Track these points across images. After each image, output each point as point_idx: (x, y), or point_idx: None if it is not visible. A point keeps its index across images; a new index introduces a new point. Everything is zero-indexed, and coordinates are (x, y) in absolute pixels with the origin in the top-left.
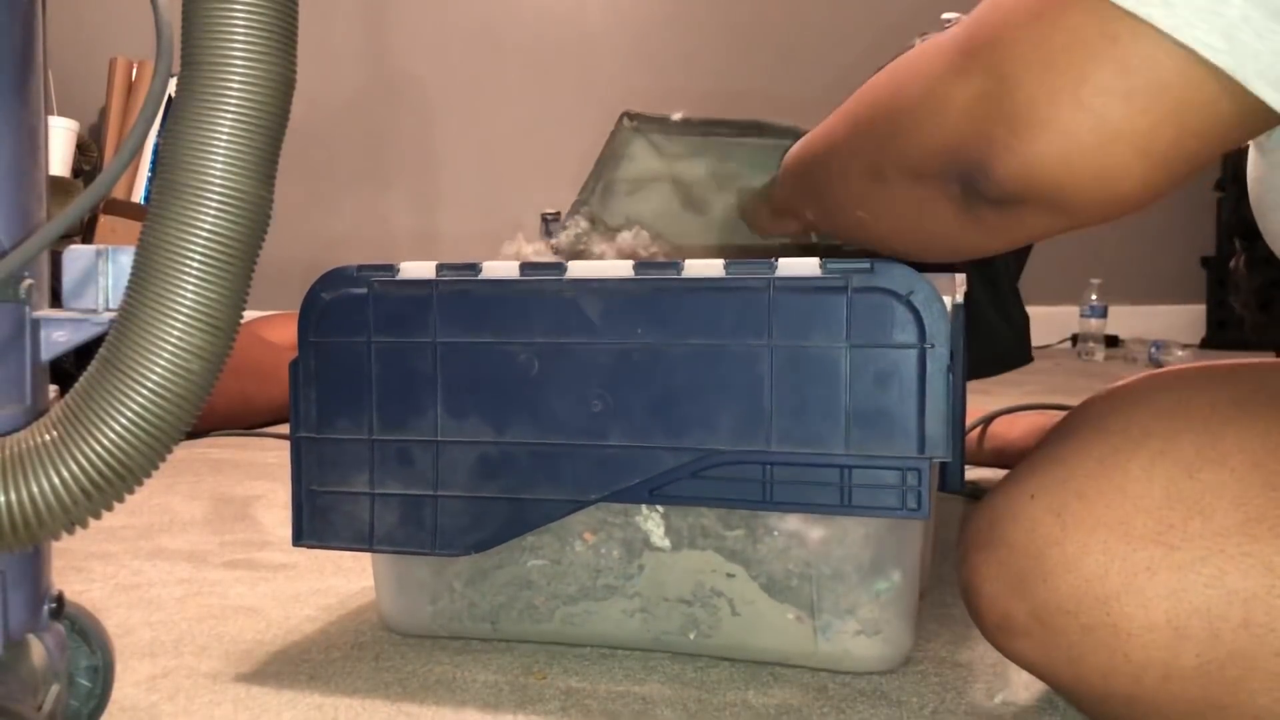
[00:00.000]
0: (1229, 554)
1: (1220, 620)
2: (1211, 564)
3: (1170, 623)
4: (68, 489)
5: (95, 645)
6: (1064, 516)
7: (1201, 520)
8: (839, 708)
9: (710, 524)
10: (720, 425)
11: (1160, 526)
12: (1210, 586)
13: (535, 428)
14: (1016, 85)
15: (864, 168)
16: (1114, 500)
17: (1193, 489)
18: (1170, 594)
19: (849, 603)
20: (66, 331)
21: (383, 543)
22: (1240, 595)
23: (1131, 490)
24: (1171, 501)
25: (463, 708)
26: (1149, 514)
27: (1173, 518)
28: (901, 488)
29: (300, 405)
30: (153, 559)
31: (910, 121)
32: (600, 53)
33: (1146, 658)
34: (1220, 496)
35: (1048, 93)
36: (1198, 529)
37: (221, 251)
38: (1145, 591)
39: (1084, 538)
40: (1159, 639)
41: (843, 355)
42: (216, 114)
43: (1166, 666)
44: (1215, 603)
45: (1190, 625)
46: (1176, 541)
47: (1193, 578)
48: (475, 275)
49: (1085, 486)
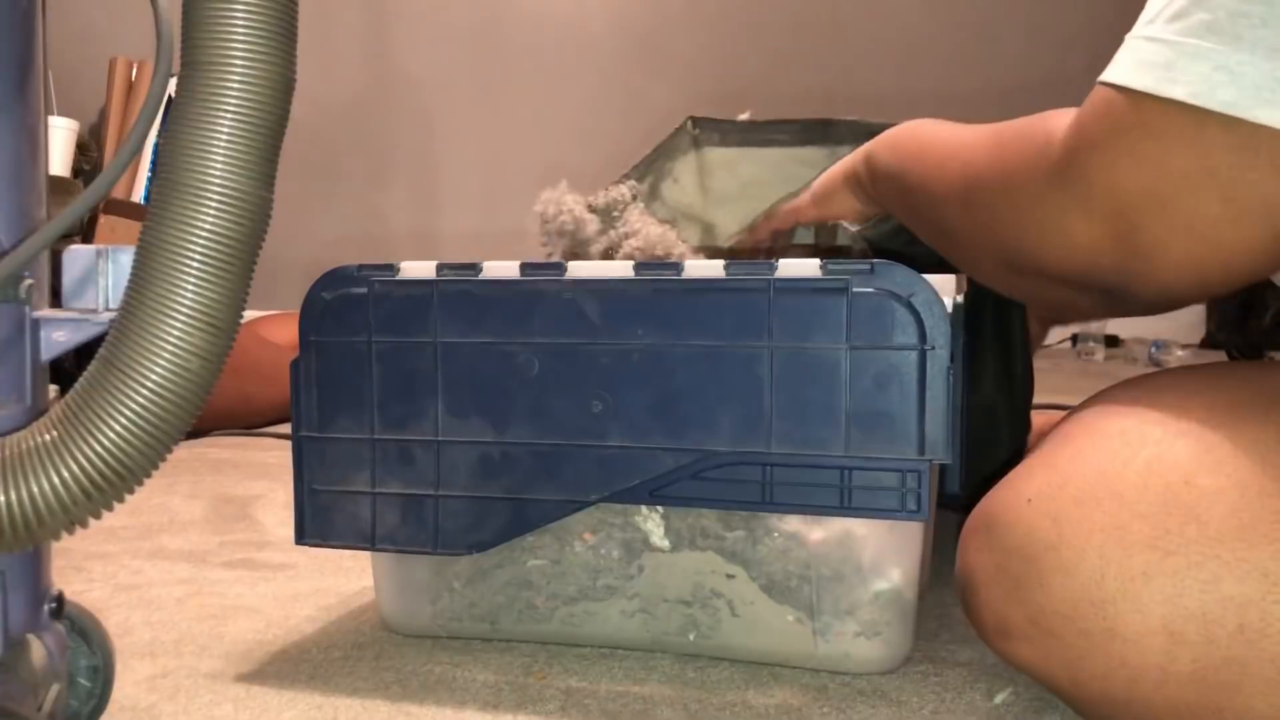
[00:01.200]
0: (1225, 560)
1: (1216, 625)
2: (1207, 569)
3: (1166, 627)
4: (68, 489)
5: (95, 645)
6: (1060, 522)
7: (1198, 526)
8: (839, 708)
9: (710, 525)
10: (720, 426)
11: (1156, 532)
12: (1206, 592)
13: (536, 428)
14: (1140, 228)
15: (994, 257)
16: (1110, 506)
17: (1189, 495)
18: (1166, 599)
19: (848, 604)
20: (66, 331)
21: (384, 542)
22: (1236, 601)
23: (1128, 496)
24: (1168, 507)
25: (463, 708)
26: (1145, 519)
27: (1169, 523)
28: (901, 490)
29: (301, 404)
30: (153, 559)
31: (1034, 242)
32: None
33: (1143, 662)
34: (1216, 503)
35: (1168, 231)
36: (1194, 535)
37: (221, 251)
38: (1141, 596)
39: (1081, 543)
40: (1155, 644)
41: (843, 357)
42: (216, 114)
43: (1162, 671)
44: (1211, 608)
45: (1186, 630)
46: (1173, 547)
47: (1189, 583)
48: (475, 275)
49: (1082, 492)
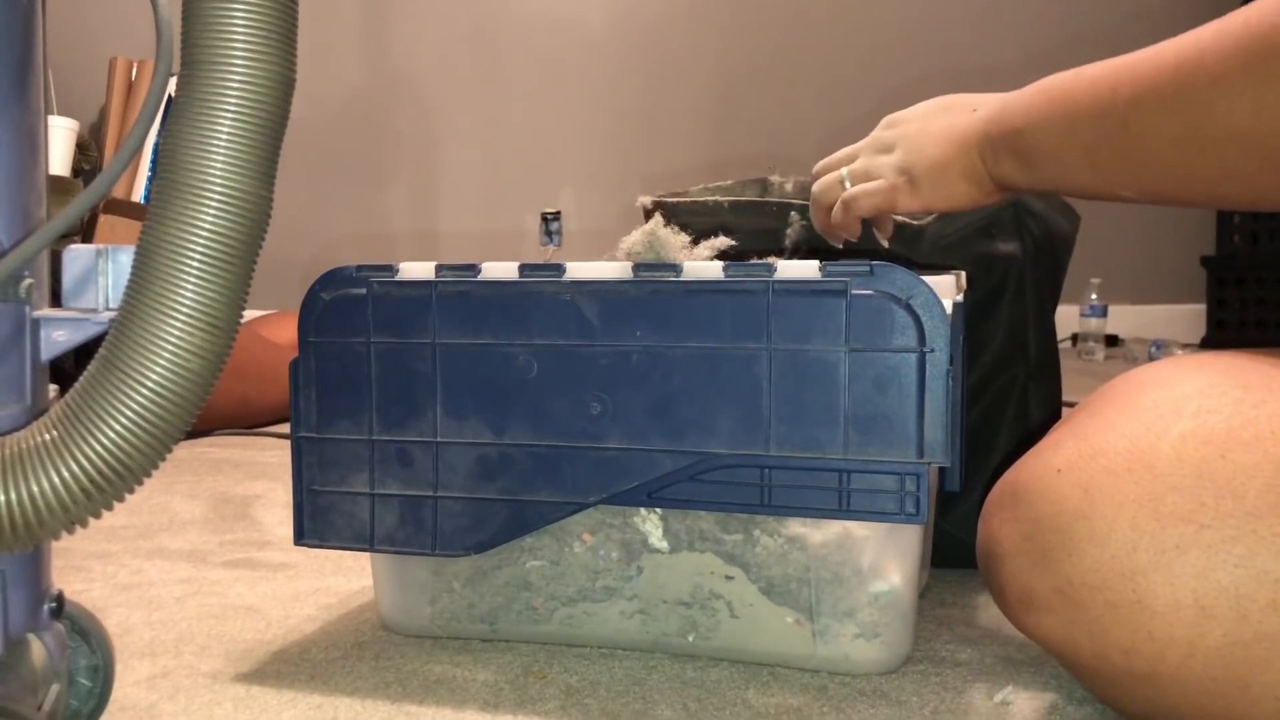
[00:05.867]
0: (1260, 535)
1: (1248, 601)
2: (1242, 544)
3: (1197, 601)
4: (68, 488)
5: (95, 645)
6: (1092, 492)
7: (1233, 500)
8: (839, 708)
9: (709, 527)
10: (719, 428)
11: (1191, 505)
12: (1240, 566)
13: (534, 429)
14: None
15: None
16: (1144, 477)
17: (1224, 469)
18: (1199, 573)
19: (848, 606)
20: (66, 331)
21: (383, 543)
22: (1271, 576)
23: (1161, 468)
24: (1203, 481)
25: (463, 707)
26: (1180, 492)
27: (1204, 496)
28: (900, 492)
29: (300, 405)
30: (152, 558)
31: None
32: (600, 53)
33: (1171, 635)
34: (1253, 478)
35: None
36: (1229, 509)
37: (221, 251)
38: (1173, 569)
39: (1112, 513)
40: (1185, 617)
41: (842, 359)
42: (216, 114)
43: (1191, 645)
44: (1244, 583)
45: (1217, 604)
46: (1207, 520)
47: (1222, 557)
48: (474, 276)
49: (1114, 463)
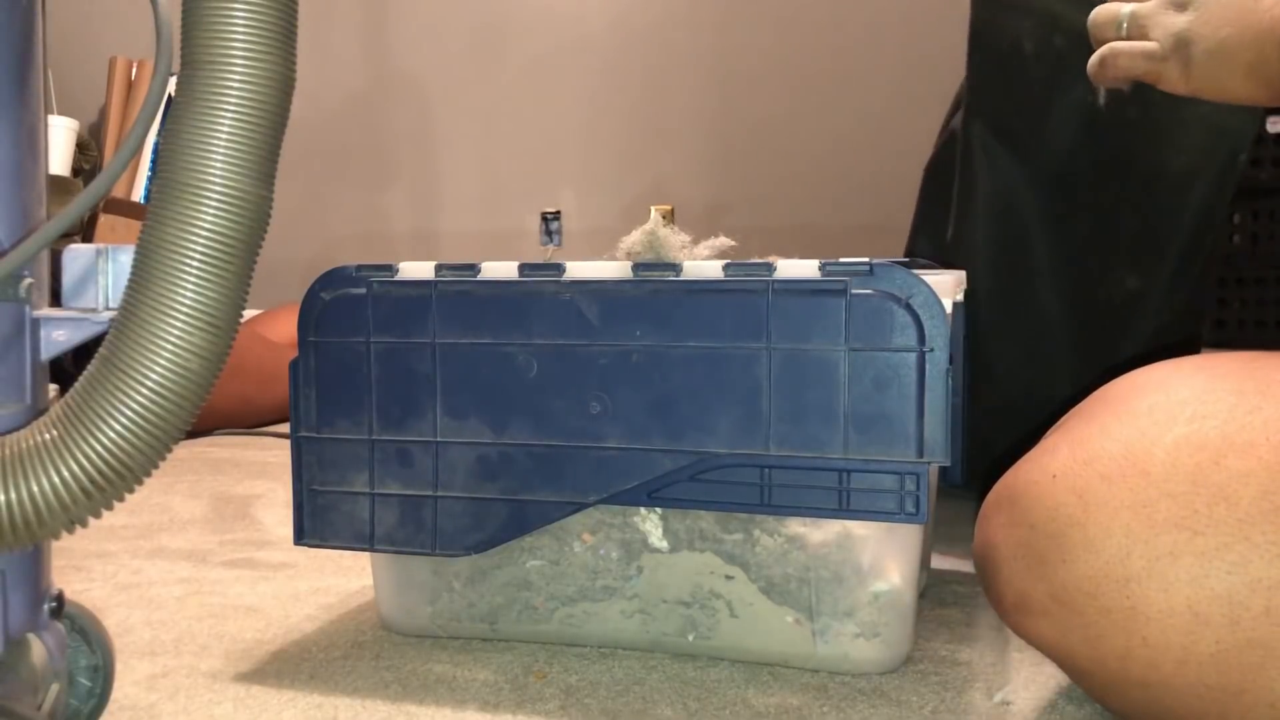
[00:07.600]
0: (1254, 541)
1: (1241, 608)
2: (1236, 551)
3: (1191, 608)
4: (68, 488)
5: (95, 644)
6: (1086, 498)
7: (1226, 507)
8: (839, 707)
9: (709, 526)
10: (719, 428)
11: (1184, 511)
12: (1233, 573)
13: (534, 429)
14: None
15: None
16: (1138, 483)
17: (1219, 475)
18: (1192, 579)
19: (847, 606)
20: (66, 331)
21: (383, 543)
22: (1264, 583)
23: (1155, 474)
24: (1197, 487)
25: (463, 707)
26: (1173, 498)
27: (1197, 503)
28: (900, 492)
29: (300, 405)
30: (153, 558)
31: None
32: (600, 53)
33: (1165, 642)
34: (1246, 484)
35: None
36: (1223, 515)
37: (221, 251)
38: (1167, 575)
39: (1107, 520)
40: (1178, 624)
41: (841, 358)
42: (216, 114)
43: (1185, 651)
44: (1237, 589)
45: (1210, 611)
46: (1201, 527)
47: (1216, 564)
48: (474, 276)
49: (1109, 469)
